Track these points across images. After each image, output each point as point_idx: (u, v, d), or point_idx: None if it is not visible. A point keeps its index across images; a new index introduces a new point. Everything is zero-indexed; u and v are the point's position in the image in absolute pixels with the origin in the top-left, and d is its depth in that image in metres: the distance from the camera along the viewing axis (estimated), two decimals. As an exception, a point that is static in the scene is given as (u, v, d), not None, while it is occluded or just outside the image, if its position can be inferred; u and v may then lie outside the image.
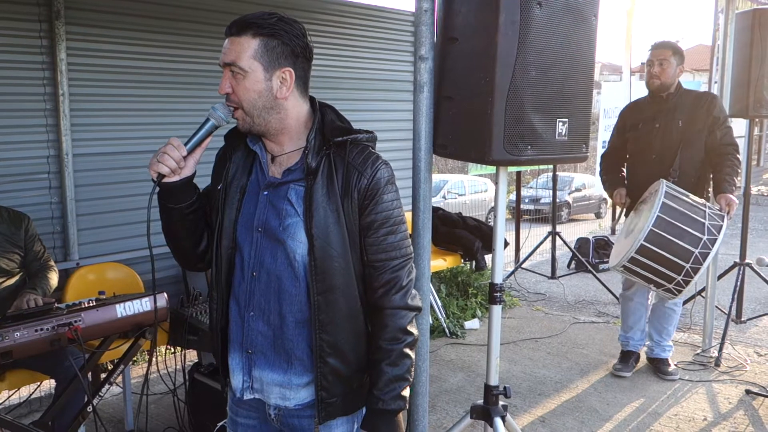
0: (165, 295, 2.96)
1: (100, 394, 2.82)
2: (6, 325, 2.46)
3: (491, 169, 7.41)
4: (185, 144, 1.60)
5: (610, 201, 18.35)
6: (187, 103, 4.28)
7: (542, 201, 12.35)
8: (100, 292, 3.41)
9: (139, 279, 3.95)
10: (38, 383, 3.43)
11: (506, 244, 5.74)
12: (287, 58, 1.58)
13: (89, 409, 2.76)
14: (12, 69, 3.57)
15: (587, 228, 11.96)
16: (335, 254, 1.59)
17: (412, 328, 1.66)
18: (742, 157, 4.03)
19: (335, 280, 1.60)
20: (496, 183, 2.29)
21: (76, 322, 2.60)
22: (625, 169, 4.32)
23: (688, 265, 3.27)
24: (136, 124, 4.05)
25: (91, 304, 2.81)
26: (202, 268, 1.83)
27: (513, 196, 17.39)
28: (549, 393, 4.10)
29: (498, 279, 2.33)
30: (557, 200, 14.41)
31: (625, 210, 4.25)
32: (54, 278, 3.27)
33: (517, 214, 7.90)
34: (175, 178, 1.61)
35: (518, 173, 7.92)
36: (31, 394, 3.72)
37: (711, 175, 4.02)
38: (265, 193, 1.65)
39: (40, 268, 3.24)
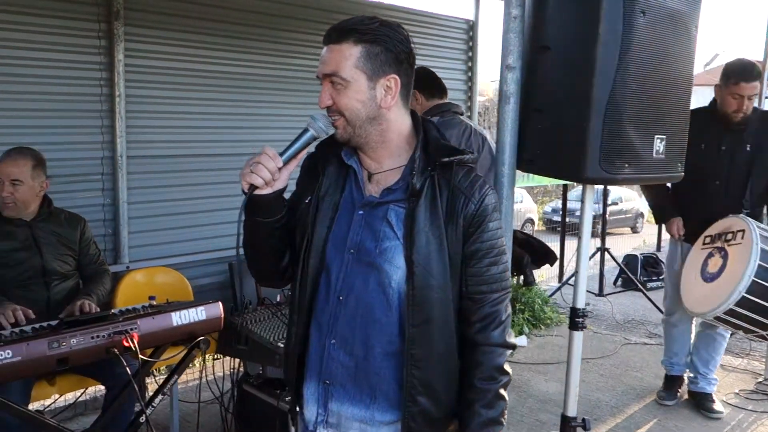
0: (220, 304, 2.88)
1: (153, 404, 2.74)
2: (63, 331, 2.39)
3: (527, 182, 7.23)
4: (281, 154, 1.49)
5: (647, 215, 18.13)
6: (243, 107, 4.24)
7: (577, 214, 12.06)
8: (151, 297, 3.37)
9: (188, 284, 3.90)
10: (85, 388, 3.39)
11: (555, 258, 5.58)
12: (391, 65, 1.48)
13: (142, 419, 2.68)
14: (70, 69, 3.56)
15: (625, 242, 11.69)
16: (435, 284, 1.48)
17: (508, 368, 1.55)
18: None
19: (433, 312, 1.48)
20: (582, 202, 2.16)
21: (132, 329, 2.53)
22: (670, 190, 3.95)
23: None
24: (192, 127, 4.01)
25: (146, 311, 2.75)
26: (279, 285, 1.73)
27: (547, 208, 17.24)
28: (605, 418, 3.93)
29: (580, 303, 2.20)
30: (593, 213, 14.22)
31: (680, 238, 3.88)
32: (108, 283, 3.22)
33: (563, 228, 7.71)
34: (268, 191, 1.49)
35: (565, 185, 7.73)
36: (77, 398, 3.68)
37: None
38: (361, 212, 1.54)
39: (94, 272, 3.20)
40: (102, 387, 3.30)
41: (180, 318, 2.73)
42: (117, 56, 3.65)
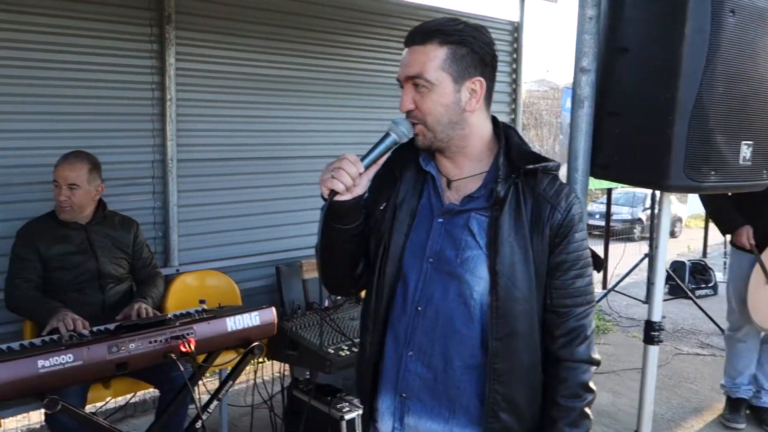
0: (273, 309, 2.85)
1: (208, 410, 2.72)
2: (121, 335, 2.39)
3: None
4: (362, 159, 1.44)
5: (685, 220, 17.69)
6: (292, 111, 4.21)
7: (614, 217, 11.84)
8: (201, 301, 3.38)
9: (237, 288, 3.89)
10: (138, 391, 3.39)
11: (601, 264, 5.47)
12: (477, 67, 1.43)
13: (198, 425, 2.66)
14: (123, 73, 3.56)
15: (668, 247, 11.40)
16: (520, 296, 1.42)
17: (593, 385, 1.49)
18: None
19: (518, 324, 1.43)
20: (660, 210, 2.07)
21: (188, 334, 2.52)
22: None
23: None
24: (241, 131, 4.00)
25: (201, 316, 2.73)
26: (351, 293, 1.69)
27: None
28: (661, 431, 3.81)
29: (656, 316, 2.11)
30: (630, 216, 13.84)
31: (751, 247, 3.62)
32: (161, 286, 3.22)
33: (607, 233, 7.55)
34: (348, 197, 1.44)
35: (609, 189, 7.58)
36: (128, 400, 3.69)
37: None
38: (440, 220, 1.49)
39: (148, 275, 3.19)
40: (152, 389, 3.30)
41: (234, 323, 2.71)
42: (168, 60, 3.65)
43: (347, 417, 3.07)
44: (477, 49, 1.43)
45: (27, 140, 3.27)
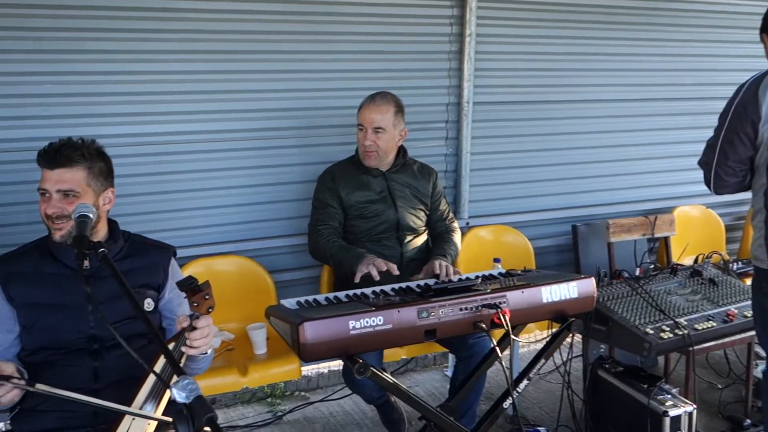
0: (593, 281, 2.41)
1: (518, 390, 2.40)
2: (431, 300, 2.14)
3: None
4: None
5: None
6: (607, 47, 3.67)
7: None
8: (496, 260, 3.06)
9: (530, 246, 3.52)
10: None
11: None
12: None
13: (506, 404, 2.35)
14: (421, 6, 3.27)
15: None
16: None
17: None
18: None
19: None
20: None
21: (502, 304, 2.20)
22: None
23: None
24: (545, 70, 3.56)
25: (511, 282, 2.40)
26: None
27: None
28: None
29: None
30: None
31: None
32: (459, 243, 2.94)
33: None
34: None
35: None
36: (408, 361, 3.52)
37: None
38: None
39: (444, 229, 2.94)
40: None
41: (550, 294, 2.33)
42: (470, -11, 3.29)
43: (671, 413, 2.57)
44: None
45: (327, 81, 3.16)
